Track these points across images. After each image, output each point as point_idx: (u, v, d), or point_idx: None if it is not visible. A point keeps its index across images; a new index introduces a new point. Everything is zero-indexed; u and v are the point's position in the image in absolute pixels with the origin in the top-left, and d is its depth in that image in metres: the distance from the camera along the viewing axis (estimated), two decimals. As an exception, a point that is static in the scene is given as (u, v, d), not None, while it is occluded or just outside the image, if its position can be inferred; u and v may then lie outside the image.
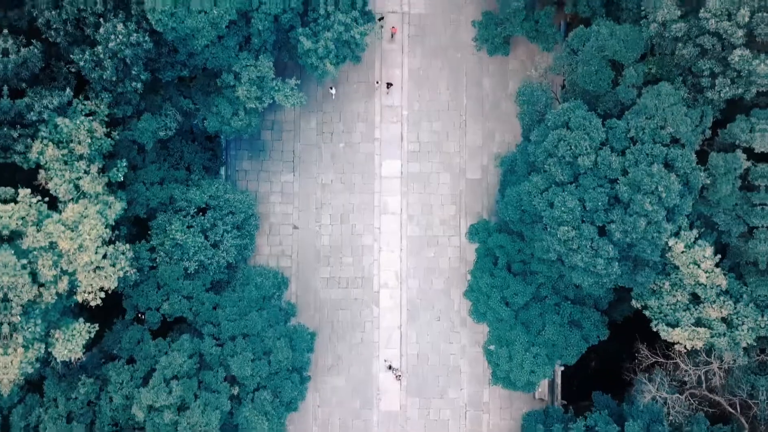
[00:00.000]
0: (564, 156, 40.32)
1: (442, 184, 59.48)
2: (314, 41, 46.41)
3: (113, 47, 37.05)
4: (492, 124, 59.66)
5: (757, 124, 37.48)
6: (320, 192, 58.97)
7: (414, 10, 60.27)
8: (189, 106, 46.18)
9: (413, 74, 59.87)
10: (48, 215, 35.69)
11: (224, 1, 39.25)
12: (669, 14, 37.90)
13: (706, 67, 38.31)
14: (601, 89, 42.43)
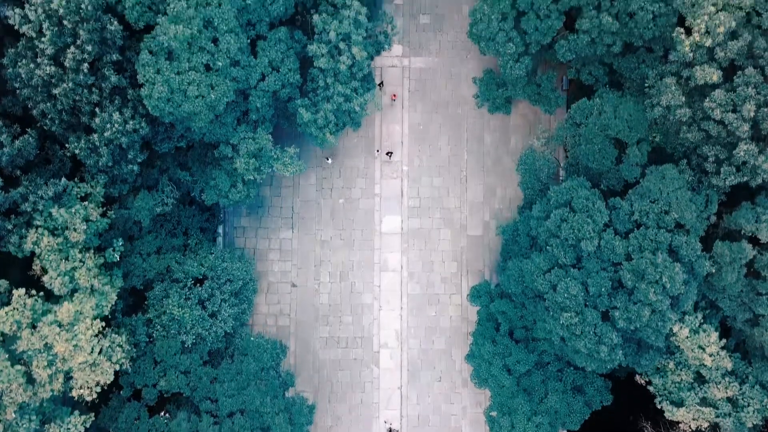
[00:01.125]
0: (567, 239, 39.69)
1: (443, 241, 58.85)
2: (313, 112, 45.79)
3: (109, 136, 36.47)
4: (493, 179, 59.02)
5: (763, 214, 36.86)
6: (319, 249, 58.35)
7: (414, 64, 59.68)
8: (186, 178, 45.57)
9: (413, 129, 59.26)
10: (44, 312, 35.09)
11: (222, 84, 38.62)
12: (673, 99, 37.26)
13: (711, 153, 37.69)
14: (605, 167, 41.82)
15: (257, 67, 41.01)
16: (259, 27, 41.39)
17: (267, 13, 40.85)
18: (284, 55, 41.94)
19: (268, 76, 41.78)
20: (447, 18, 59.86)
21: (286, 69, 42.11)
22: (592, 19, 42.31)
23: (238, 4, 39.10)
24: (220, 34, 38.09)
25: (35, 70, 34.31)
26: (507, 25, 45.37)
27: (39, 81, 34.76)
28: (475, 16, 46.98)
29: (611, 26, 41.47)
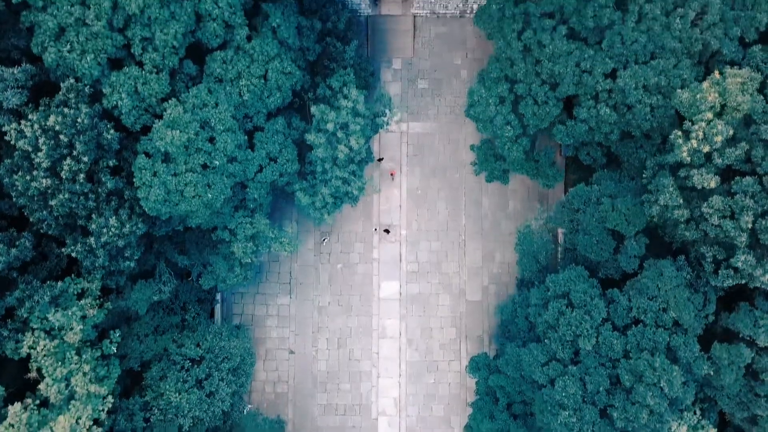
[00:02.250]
0: (564, 335, 39.60)
1: (442, 306, 58.74)
2: (311, 194, 45.77)
3: (106, 240, 36.40)
4: (492, 243, 58.89)
5: (761, 319, 36.79)
6: (317, 315, 58.23)
7: (412, 129, 59.59)
8: (183, 263, 45.46)
9: (412, 194, 59.16)
10: (40, 425, 34.94)
11: (219, 183, 38.54)
12: (671, 200, 37.19)
13: (709, 253, 37.63)
14: (602, 258, 41.72)
15: (255, 160, 40.94)
16: (257, 119, 41.33)
17: (264, 106, 40.79)
18: (282, 146, 41.88)
19: (266, 167, 41.71)
20: (445, 83, 59.80)
21: (284, 160, 42.03)
22: (590, 109, 42.27)
23: (235, 101, 39.05)
24: (217, 134, 38.02)
25: (31, 182, 34.25)
26: (504, 109, 45.29)
27: (35, 192, 34.70)
28: (472, 97, 46.88)
29: (609, 117, 41.42)
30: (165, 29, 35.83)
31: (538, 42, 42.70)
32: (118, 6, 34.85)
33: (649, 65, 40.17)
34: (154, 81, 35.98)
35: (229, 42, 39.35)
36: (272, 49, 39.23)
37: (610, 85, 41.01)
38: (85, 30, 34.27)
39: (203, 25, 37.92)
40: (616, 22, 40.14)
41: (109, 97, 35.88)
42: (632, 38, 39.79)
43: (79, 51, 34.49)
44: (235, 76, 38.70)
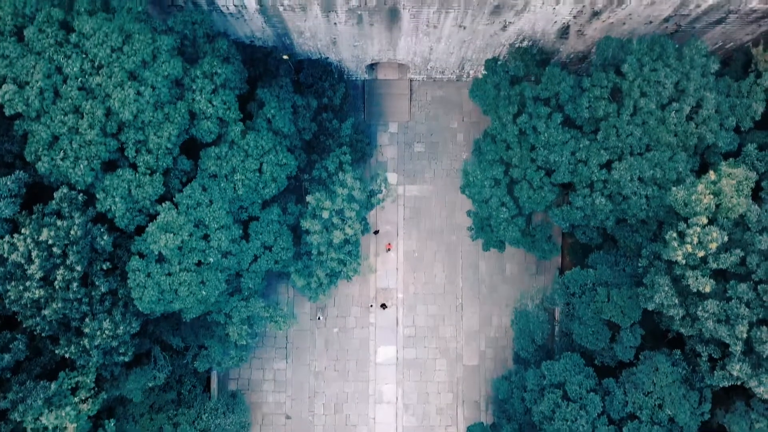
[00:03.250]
0: (560, 429, 39.46)
1: (439, 371, 58.60)
2: (306, 275, 45.67)
3: (99, 342, 36.33)
4: (489, 307, 58.76)
5: (757, 422, 36.66)
6: (314, 380, 58.10)
7: (409, 192, 59.52)
8: (178, 345, 45.34)
9: (408, 256, 59.06)
10: None
11: (213, 279, 38.45)
12: (667, 299, 37.09)
13: (705, 352, 37.53)
14: (598, 347, 41.59)
15: (250, 251, 40.85)
16: (252, 209, 41.24)
17: (259, 196, 40.71)
18: (277, 235, 41.79)
19: (261, 256, 41.61)
20: (441, 146, 59.74)
21: (280, 248, 41.95)
22: (585, 198, 42.17)
23: (230, 196, 38.97)
24: (211, 232, 37.94)
25: (24, 292, 34.19)
26: (500, 191, 45.21)
27: (28, 301, 34.63)
28: (467, 177, 46.79)
29: (604, 207, 41.33)
30: (159, 132, 35.75)
31: (533, 128, 42.62)
32: (112, 112, 34.78)
33: (644, 157, 40.09)
34: (148, 184, 35.92)
35: (223, 136, 39.28)
36: (267, 143, 39.16)
37: (605, 175, 40.92)
38: (78, 138, 34.21)
39: (197, 123, 37.86)
40: (611, 114, 40.06)
41: (103, 202, 35.80)
42: (627, 131, 39.71)
43: (73, 158, 34.43)
44: (230, 171, 38.63)
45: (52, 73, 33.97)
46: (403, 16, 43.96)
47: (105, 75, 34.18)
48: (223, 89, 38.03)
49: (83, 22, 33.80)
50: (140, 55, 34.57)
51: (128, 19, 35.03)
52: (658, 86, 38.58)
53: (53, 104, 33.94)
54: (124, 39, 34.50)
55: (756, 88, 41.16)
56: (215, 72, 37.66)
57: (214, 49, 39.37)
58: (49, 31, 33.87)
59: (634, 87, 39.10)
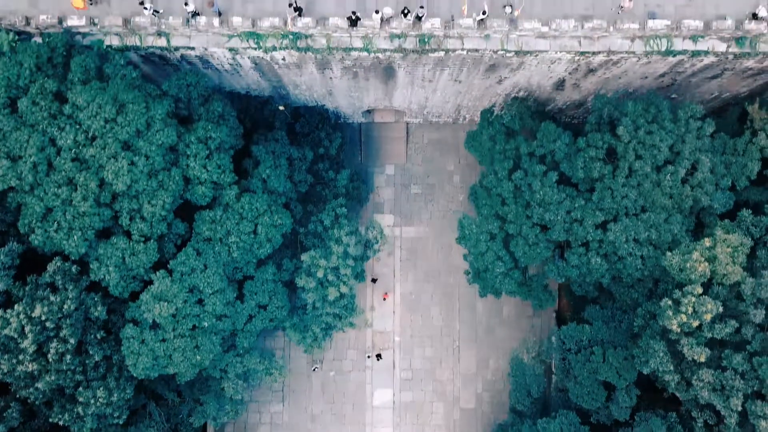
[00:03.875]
0: (556, 491, 39.39)
1: (436, 414, 58.45)
2: (302, 330, 45.59)
3: (94, 410, 36.25)
4: (486, 350, 58.62)
5: (753, 489, 36.60)
6: (310, 424, 57.94)
7: (406, 234, 59.42)
8: (174, 399, 45.24)
9: (405, 299, 58.93)
10: None
11: (207, 343, 38.36)
12: (662, 365, 37.01)
13: (700, 418, 37.42)
14: (594, 407, 41.49)
15: (244, 311, 40.76)
16: (246, 268, 41.16)
17: (254, 256, 40.63)
18: (272, 293, 41.70)
19: (256, 316, 41.52)
20: (437, 188, 59.66)
21: (274, 307, 41.88)
22: (581, 256, 42.11)
23: (224, 259, 38.89)
24: (205, 297, 37.86)
25: (18, 365, 34.10)
26: (495, 245, 45.15)
27: (22, 374, 34.55)
28: (462, 230, 46.75)
29: (600, 267, 41.28)
30: (153, 201, 35.70)
31: (529, 185, 42.56)
32: (106, 183, 34.71)
33: (639, 218, 40.04)
34: (142, 252, 35.87)
35: (218, 198, 39.23)
36: (262, 205, 39.11)
37: (600, 235, 40.85)
38: (71, 209, 34.16)
39: (192, 188, 37.80)
40: (606, 176, 40.01)
41: (96, 272, 35.73)
42: (622, 193, 39.67)
43: (66, 229, 34.38)
44: (225, 234, 38.57)
45: (45, 146, 33.92)
46: (399, 73, 43.93)
47: (99, 146, 34.13)
48: (217, 153, 37.98)
49: (77, 94, 33.75)
50: (134, 125, 34.51)
51: (122, 88, 34.97)
52: (654, 149, 38.54)
53: (47, 176, 33.89)
54: (118, 109, 34.45)
55: (752, 147, 41.14)
56: (210, 136, 37.61)
57: (209, 111, 39.34)
58: (43, 103, 33.83)
59: (629, 149, 39.05)
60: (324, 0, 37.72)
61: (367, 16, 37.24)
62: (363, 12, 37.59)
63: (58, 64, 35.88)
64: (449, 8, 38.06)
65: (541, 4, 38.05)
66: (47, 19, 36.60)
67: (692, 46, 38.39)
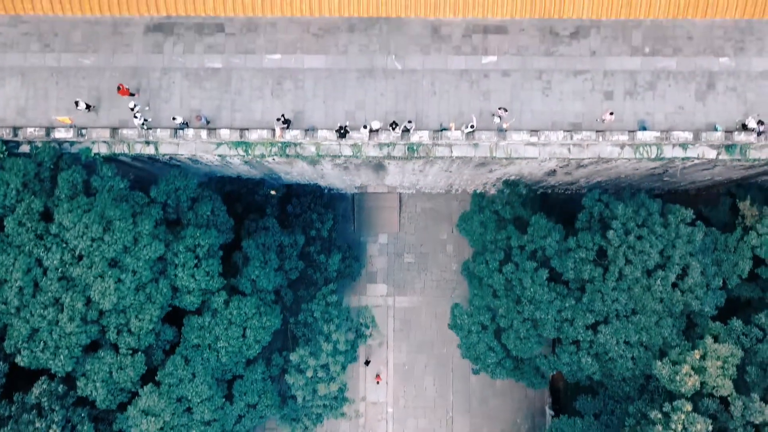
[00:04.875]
0: None
1: (429, 485, 58.28)
2: (293, 420, 45.42)
3: None
4: (479, 420, 58.46)
5: None
6: (304, 497, 57.72)
7: (399, 304, 59.28)
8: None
9: (398, 369, 58.76)
10: None
11: None
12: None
13: None
14: (585, 506, 41.32)
15: (234, 412, 40.62)
16: (236, 368, 41.02)
17: (243, 357, 40.51)
18: (261, 392, 41.54)
19: (246, 416, 41.36)
20: (431, 257, 59.53)
21: (264, 405, 41.71)
22: (572, 355, 41.97)
23: (213, 365, 38.76)
24: (194, 405, 37.72)
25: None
26: (487, 336, 45.01)
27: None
28: (454, 320, 46.62)
29: (590, 367, 41.13)
30: (140, 315, 35.61)
31: (519, 280, 42.39)
32: (92, 301, 34.60)
33: (630, 321, 39.90)
34: (130, 366, 35.75)
35: (207, 302, 39.11)
36: (251, 309, 39.00)
37: (591, 336, 40.71)
38: (58, 329, 34.07)
39: (180, 296, 37.69)
40: (596, 279, 39.86)
41: (84, 388, 35.62)
42: (612, 297, 39.53)
43: (53, 348, 34.30)
44: (213, 340, 38.46)
45: (32, 267, 33.85)
46: (389, 167, 43.86)
47: (85, 266, 34.02)
48: (206, 260, 37.87)
49: (63, 215, 33.65)
50: (121, 242, 34.41)
51: (109, 203, 34.84)
52: (643, 255, 38.39)
53: (33, 297, 33.80)
54: (105, 227, 34.35)
55: (743, 245, 40.97)
56: (198, 244, 37.51)
57: (198, 215, 39.23)
58: (29, 224, 33.75)
59: (619, 254, 38.91)
60: (312, 110, 37.65)
61: (356, 126, 37.17)
62: (352, 120, 37.52)
63: (45, 179, 35.80)
64: (437, 117, 37.98)
65: (531, 113, 37.97)
66: (35, 131, 36.55)
67: (682, 153, 38.29)
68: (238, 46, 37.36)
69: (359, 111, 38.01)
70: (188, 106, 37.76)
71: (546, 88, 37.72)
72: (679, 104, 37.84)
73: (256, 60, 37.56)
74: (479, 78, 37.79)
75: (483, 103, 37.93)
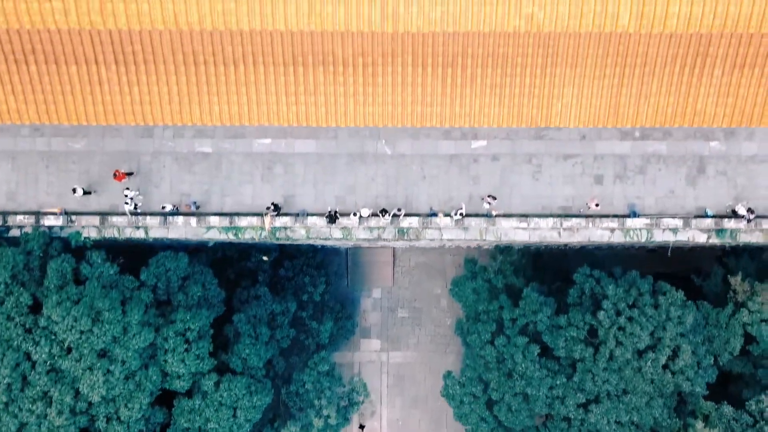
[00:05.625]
0: None
1: None
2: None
3: None
4: (473, 475, 58.35)
5: None
6: None
7: (393, 359, 59.23)
8: None
9: (392, 426, 58.68)
10: None
11: None
12: None
13: None
14: None
15: (224, 495, 40.49)
16: (226, 446, 40.91)
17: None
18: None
19: (236, 496, 41.21)
20: (425, 312, 59.48)
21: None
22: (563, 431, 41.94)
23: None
24: (183, 493, 37.66)
25: None
26: (479, 407, 44.98)
27: None
28: (446, 390, 46.61)
29: (581, 447, 41.10)
30: (130, 403, 35.56)
31: (511, 355, 42.36)
32: (81, 393, 34.58)
33: (621, 400, 39.85)
34: (119, 457, 35.71)
35: (197, 382, 39.04)
36: (241, 389, 38.92)
37: (582, 415, 40.65)
38: (46, 422, 34.03)
39: (170, 380, 37.65)
40: (587, 359, 39.84)
41: (71, 484, 35.59)
42: (603, 378, 39.50)
43: (42, 441, 34.28)
44: (204, 422, 38.37)
45: (20, 362, 33.84)
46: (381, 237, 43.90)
47: (74, 358, 34.01)
48: (195, 343, 37.83)
49: (51, 309, 33.65)
50: (110, 333, 34.40)
51: (98, 292, 34.81)
52: (634, 337, 38.38)
53: (21, 392, 33.77)
54: (94, 318, 34.33)
55: (734, 322, 40.93)
56: (188, 328, 37.47)
57: (188, 296, 39.21)
58: (18, 319, 33.75)
59: (609, 335, 38.90)
60: (302, 195, 37.72)
61: (346, 211, 37.25)
62: (342, 205, 37.58)
63: (34, 268, 35.81)
64: (427, 201, 38.05)
65: (521, 197, 38.02)
66: (24, 218, 36.60)
67: (672, 237, 38.30)
68: (227, 131, 37.36)
69: (349, 195, 38.07)
70: (178, 191, 37.82)
71: (536, 172, 37.77)
72: (669, 188, 37.87)
73: (246, 144, 37.60)
74: (469, 162, 37.84)
75: (473, 188, 37.99)
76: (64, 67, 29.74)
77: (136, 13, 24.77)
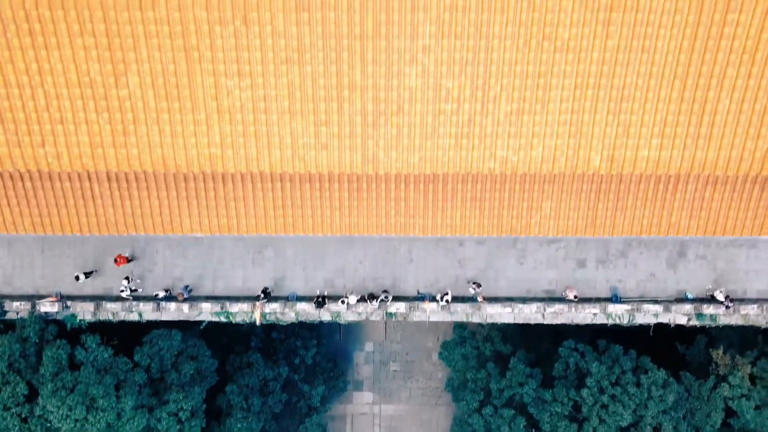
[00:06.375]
0: None
1: None
2: None
3: None
4: None
5: None
6: None
7: (385, 412, 60.08)
8: None
9: (384, 478, 59.54)
10: None
11: None
12: None
13: None
14: None
15: None
16: None
17: None
18: None
19: None
20: (417, 365, 60.34)
21: None
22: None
23: None
24: None
25: None
26: (470, 469, 45.85)
27: None
28: (437, 454, 47.37)
29: None
30: (123, 486, 36.38)
31: (498, 427, 43.24)
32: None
33: (605, 476, 40.73)
34: None
35: (190, 459, 39.89)
36: (232, 465, 39.78)
37: (566, 489, 41.51)
38: None
39: (162, 455, 38.51)
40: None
41: None
42: (588, 455, 40.43)
43: None
44: (195, 503, 39.23)
45: (16, 451, 34.72)
46: (370, 313, 44.79)
47: (69, 447, 34.88)
48: (189, 422, 38.68)
49: (47, 399, 34.49)
50: (104, 421, 35.27)
51: (93, 378, 35.68)
52: (616, 415, 39.27)
53: (17, 482, 34.66)
54: (88, 405, 35.18)
55: (716, 395, 41.81)
56: (181, 407, 38.33)
57: (181, 374, 40.04)
58: (15, 409, 34.60)
59: (593, 413, 39.80)
60: (292, 278, 38.60)
61: (334, 294, 38.15)
62: (331, 288, 38.48)
63: (30, 355, 36.65)
64: (414, 283, 38.95)
65: (505, 280, 38.92)
66: (20, 305, 37.47)
67: (654, 320, 39.19)
68: (220, 216, 38.30)
69: (338, 278, 38.95)
70: (171, 275, 38.69)
71: (521, 257, 38.68)
72: (650, 271, 38.78)
73: (238, 229, 38.48)
74: (455, 246, 38.74)
75: (459, 271, 38.88)
76: (58, 183, 30.71)
77: (126, 158, 25.78)
